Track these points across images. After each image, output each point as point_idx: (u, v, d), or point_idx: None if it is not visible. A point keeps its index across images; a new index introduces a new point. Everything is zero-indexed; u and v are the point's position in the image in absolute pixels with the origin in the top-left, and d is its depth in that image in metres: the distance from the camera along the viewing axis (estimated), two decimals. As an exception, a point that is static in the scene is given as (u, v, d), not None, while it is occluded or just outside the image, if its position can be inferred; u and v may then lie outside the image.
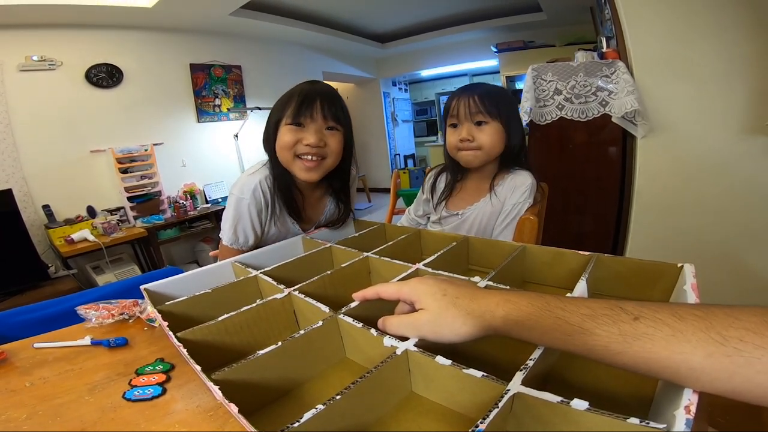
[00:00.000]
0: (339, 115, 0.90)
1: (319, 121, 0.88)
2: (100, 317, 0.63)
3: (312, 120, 0.87)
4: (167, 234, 3.42)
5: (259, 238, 0.96)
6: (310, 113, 0.86)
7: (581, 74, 1.62)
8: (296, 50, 5.00)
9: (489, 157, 1.02)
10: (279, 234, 0.99)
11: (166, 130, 3.71)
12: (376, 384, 0.39)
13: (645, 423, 0.29)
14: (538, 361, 0.38)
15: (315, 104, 0.86)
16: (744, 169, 1.48)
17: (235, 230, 0.92)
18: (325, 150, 0.89)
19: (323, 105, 0.87)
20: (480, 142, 0.99)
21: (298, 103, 0.86)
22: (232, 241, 0.92)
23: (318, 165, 0.90)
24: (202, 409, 0.42)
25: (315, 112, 0.87)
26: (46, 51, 2.98)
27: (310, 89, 0.89)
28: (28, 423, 0.42)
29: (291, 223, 0.99)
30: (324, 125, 0.89)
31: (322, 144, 0.88)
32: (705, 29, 1.45)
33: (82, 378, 0.50)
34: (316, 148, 0.87)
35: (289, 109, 0.88)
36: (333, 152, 0.90)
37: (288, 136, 0.87)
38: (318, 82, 0.93)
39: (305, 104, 0.86)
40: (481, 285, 0.55)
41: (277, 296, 0.57)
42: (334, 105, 0.89)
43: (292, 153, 0.88)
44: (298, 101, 0.87)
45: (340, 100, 0.92)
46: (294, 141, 0.87)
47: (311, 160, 0.88)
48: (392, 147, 7.21)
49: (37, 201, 2.95)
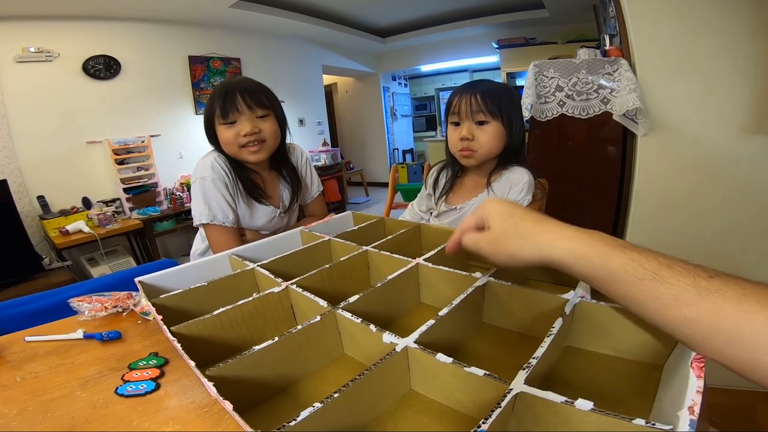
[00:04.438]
0: (263, 101, 0.99)
1: (247, 112, 0.96)
2: (93, 310, 0.62)
3: (240, 113, 0.96)
4: (163, 226, 3.39)
5: (235, 212, 1.02)
6: (236, 107, 0.95)
7: (583, 71, 1.61)
8: (296, 43, 4.96)
9: (487, 157, 1.02)
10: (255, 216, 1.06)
11: (163, 121, 3.69)
12: (375, 382, 0.38)
13: (651, 424, 0.28)
14: (540, 360, 0.37)
15: (236, 99, 0.95)
16: (744, 169, 1.47)
17: (210, 207, 0.97)
18: (261, 135, 0.99)
19: (244, 97, 0.96)
20: (480, 142, 0.98)
21: (222, 102, 0.95)
22: (211, 217, 0.97)
23: (261, 147, 1.00)
24: (196, 406, 0.41)
25: (240, 105, 0.96)
26: (43, 42, 2.94)
27: (229, 86, 0.97)
28: (17, 419, 0.41)
29: (260, 203, 1.07)
30: (253, 115, 0.98)
31: (257, 130, 0.98)
32: (709, 28, 1.44)
33: (74, 372, 0.49)
34: (253, 135, 0.97)
35: (217, 108, 0.96)
36: (270, 134, 1.01)
37: (226, 133, 0.97)
38: (236, 77, 1.05)
39: (228, 101, 0.95)
40: (482, 282, 0.54)
41: (274, 290, 0.56)
42: (254, 94, 0.97)
43: (236, 145, 0.98)
44: (221, 100, 0.95)
45: (260, 86, 1.01)
46: (233, 136, 0.97)
47: (254, 145, 0.98)
48: (391, 141, 7.20)
49: (32, 192, 2.93)
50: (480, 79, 1.07)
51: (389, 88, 7.11)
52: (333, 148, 5.62)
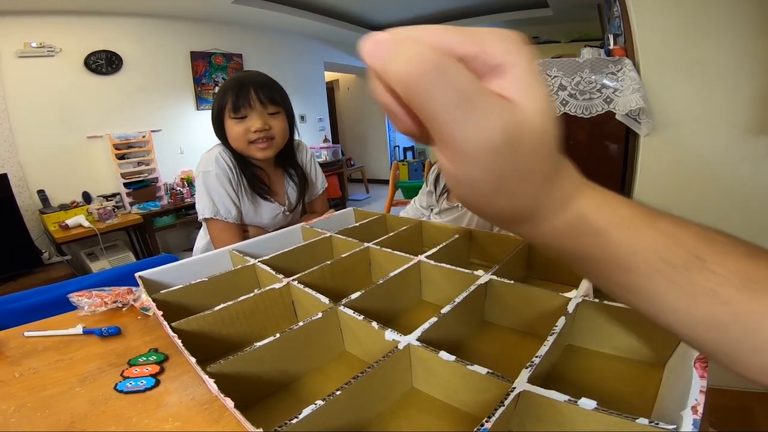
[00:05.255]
0: (276, 97, 0.98)
1: (258, 108, 0.95)
2: (93, 305, 0.61)
3: (251, 108, 0.95)
4: (163, 221, 3.40)
5: (238, 209, 1.00)
6: (248, 102, 0.94)
7: (587, 70, 1.60)
8: (298, 40, 4.95)
9: None
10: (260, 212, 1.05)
11: (164, 117, 3.68)
12: (377, 380, 0.38)
13: (654, 424, 0.28)
14: (543, 359, 0.37)
15: (250, 93, 0.94)
16: (746, 170, 1.47)
17: (213, 202, 0.96)
18: (271, 132, 0.98)
19: (257, 92, 0.95)
20: None
21: (235, 96, 0.94)
22: (214, 212, 0.96)
23: (270, 144, 0.99)
24: (196, 402, 0.41)
25: (252, 101, 0.94)
26: (45, 37, 2.93)
27: (242, 80, 0.96)
28: (16, 415, 0.41)
29: (265, 200, 1.05)
30: (264, 111, 0.97)
31: (267, 127, 0.96)
32: (714, 28, 1.43)
33: (73, 368, 0.49)
34: (263, 131, 0.96)
35: (228, 102, 0.95)
36: (279, 133, 0.99)
37: (236, 128, 0.96)
38: (249, 72, 1.02)
39: (241, 95, 0.94)
40: (484, 279, 0.54)
41: (275, 286, 0.56)
42: (267, 89, 0.97)
43: (244, 141, 0.97)
44: (234, 94, 0.94)
45: (273, 83, 1.00)
46: (243, 131, 0.96)
47: (262, 142, 0.97)
48: (391, 139, 7.18)
49: (33, 186, 2.93)
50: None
51: (391, 86, 7.09)
52: (334, 144, 5.61)
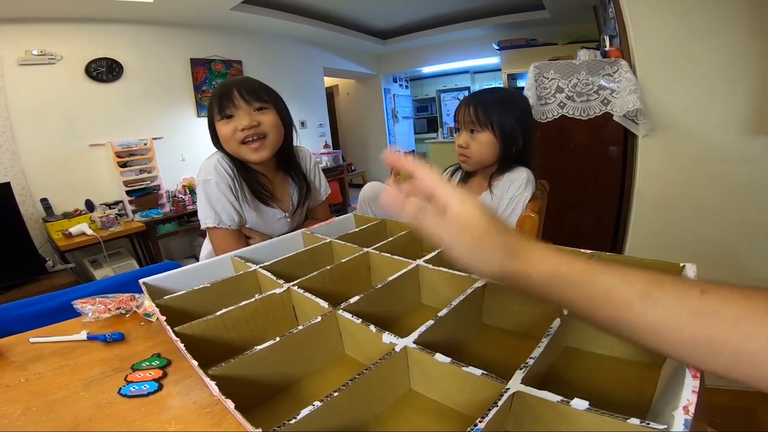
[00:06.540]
0: (260, 93, 0.95)
1: (243, 106, 0.93)
2: (97, 312, 0.62)
3: (236, 107, 0.93)
4: (166, 228, 3.41)
5: (241, 216, 0.99)
6: (232, 102, 0.93)
7: (583, 72, 1.62)
8: (297, 46, 4.98)
9: (480, 164, 1.09)
10: (262, 219, 1.03)
11: (165, 124, 3.70)
12: (374, 381, 0.38)
13: (645, 423, 0.29)
14: (538, 359, 0.38)
15: (232, 93, 0.93)
16: (745, 170, 1.47)
17: (215, 211, 0.95)
18: (261, 129, 0.94)
19: (239, 91, 0.93)
20: (472, 150, 1.06)
21: (219, 98, 0.93)
22: (216, 221, 0.95)
23: (262, 144, 0.95)
24: (198, 405, 0.41)
25: (236, 100, 0.93)
26: (46, 45, 2.96)
27: (226, 83, 0.96)
28: (22, 419, 0.42)
29: (268, 206, 1.03)
30: (250, 108, 0.94)
31: (255, 123, 0.93)
32: (709, 29, 1.44)
33: (78, 373, 0.49)
34: (252, 128, 0.93)
35: (215, 107, 0.94)
36: (270, 128, 0.95)
37: (224, 129, 0.94)
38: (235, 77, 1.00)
39: (224, 96, 0.93)
40: (482, 282, 0.54)
41: (276, 291, 0.57)
42: (250, 87, 0.95)
43: (235, 142, 0.94)
44: (218, 96, 0.94)
45: (258, 82, 0.98)
46: (231, 131, 0.93)
47: (254, 141, 0.94)
48: (392, 143, 7.20)
49: (36, 194, 2.94)
50: (484, 89, 1.15)
51: (390, 90, 7.12)
52: (334, 150, 5.62)
